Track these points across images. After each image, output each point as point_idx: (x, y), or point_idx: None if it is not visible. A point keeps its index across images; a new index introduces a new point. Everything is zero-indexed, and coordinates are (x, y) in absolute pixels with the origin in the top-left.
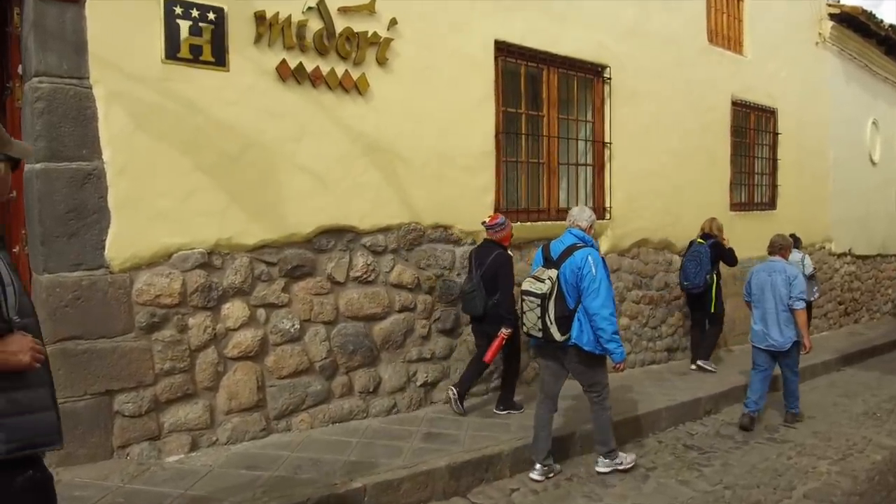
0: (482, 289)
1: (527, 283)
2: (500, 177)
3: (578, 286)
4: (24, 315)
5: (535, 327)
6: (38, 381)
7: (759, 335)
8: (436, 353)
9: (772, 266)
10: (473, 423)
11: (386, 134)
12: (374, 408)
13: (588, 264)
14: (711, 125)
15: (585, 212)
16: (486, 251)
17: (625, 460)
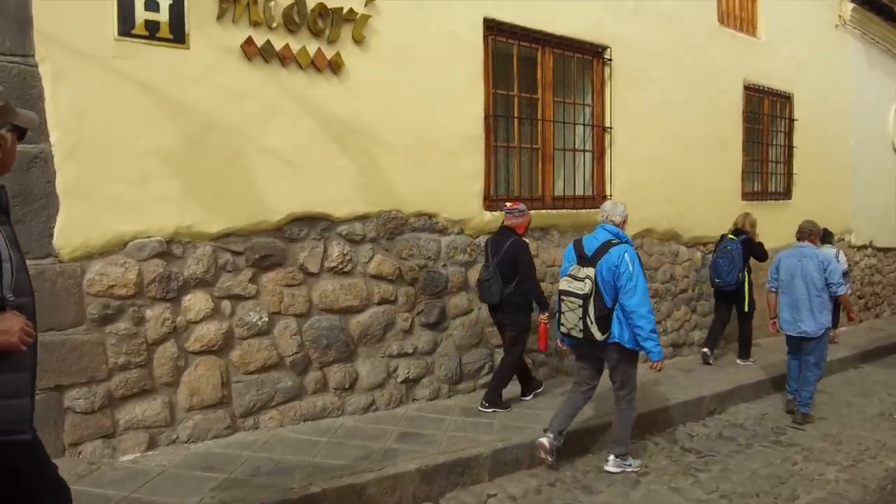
0: (498, 277)
1: (564, 282)
2: (490, 163)
3: (615, 284)
4: (20, 294)
5: (577, 328)
6: (20, 364)
7: (790, 322)
8: (419, 347)
9: (801, 251)
10: (455, 423)
11: (363, 116)
12: (350, 405)
13: (625, 262)
14: (722, 110)
15: (618, 207)
16: (502, 239)
17: (633, 464)
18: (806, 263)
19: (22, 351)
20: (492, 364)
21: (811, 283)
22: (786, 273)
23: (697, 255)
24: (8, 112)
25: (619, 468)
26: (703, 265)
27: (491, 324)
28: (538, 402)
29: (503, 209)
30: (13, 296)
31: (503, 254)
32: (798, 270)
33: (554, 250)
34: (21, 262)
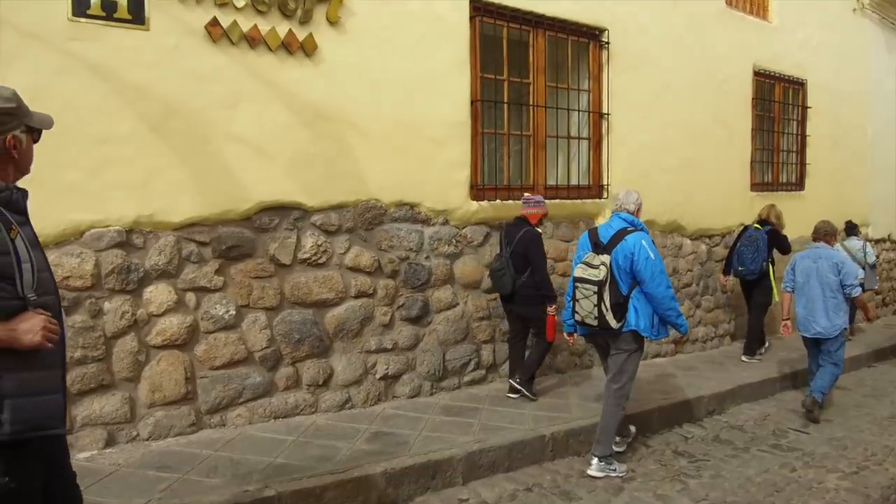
0: (511, 267)
1: (579, 269)
2: (477, 150)
3: (631, 271)
4: (43, 293)
5: (591, 315)
6: (49, 362)
7: (805, 323)
8: (399, 343)
9: (817, 252)
10: (432, 422)
11: (338, 101)
12: (324, 402)
13: (643, 249)
14: (730, 97)
15: (632, 195)
16: (516, 228)
17: (619, 468)
18: (821, 264)
19: (48, 348)
20: (478, 360)
21: (826, 285)
22: (801, 274)
23: (702, 247)
24: (21, 113)
25: (602, 472)
26: (709, 258)
27: (479, 318)
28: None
29: (522, 198)
30: (35, 295)
31: (516, 243)
32: (813, 271)
33: (546, 242)
34: (43, 262)
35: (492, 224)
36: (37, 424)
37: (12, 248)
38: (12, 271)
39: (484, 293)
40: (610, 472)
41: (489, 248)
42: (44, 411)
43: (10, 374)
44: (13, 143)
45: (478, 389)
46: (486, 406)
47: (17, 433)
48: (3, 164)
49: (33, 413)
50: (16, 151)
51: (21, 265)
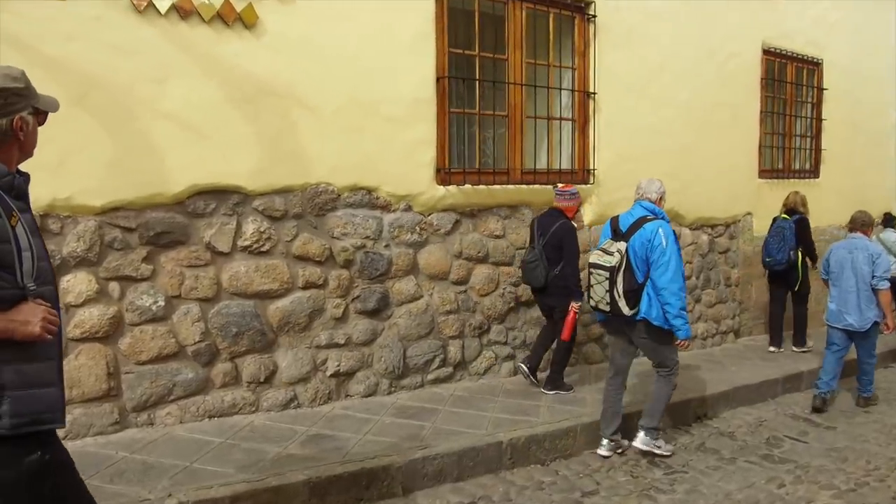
0: (544, 259)
1: (594, 255)
2: (443, 130)
3: (648, 259)
4: (42, 282)
5: (603, 301)
6: (47, 353)
7: (836, 314)
8: (353, 337)
9: (853, 243)
10: (381, 424)
11: (283, 77)
12: (266, 401)
13: (659, 237)
14: (735, 76)
15: (654, 183)
16: (550, 220)
17: (664, 446)
18: (856, 255)
19: (47, 340)
20: (444, 357)
21: (860, 276)
22: (836, 265)
23: (703, 238)
24: (30, 94)
25: (646, 446)
26: (711, 249)
27: (446, 312)
28: (510, 400)
29: (554, 189)
30: (35, 285)
31: (550, 235)
32: (848, 262)
33: (525, 231)
34: (42, 250)
35: (462, 210)
36: (37, 418)
37: (12, 236)
38: (12, 260)
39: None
40: (655, 449)
41: (458, 236)
42: (43, 404)
43: (9, 365)
44: (20, 125)
45: (443, 388)
46: (446, 407)
47: (16, 427)
48: (9, 146)
49: (33, 406)
50: (22, 133)
51: (21, 254)
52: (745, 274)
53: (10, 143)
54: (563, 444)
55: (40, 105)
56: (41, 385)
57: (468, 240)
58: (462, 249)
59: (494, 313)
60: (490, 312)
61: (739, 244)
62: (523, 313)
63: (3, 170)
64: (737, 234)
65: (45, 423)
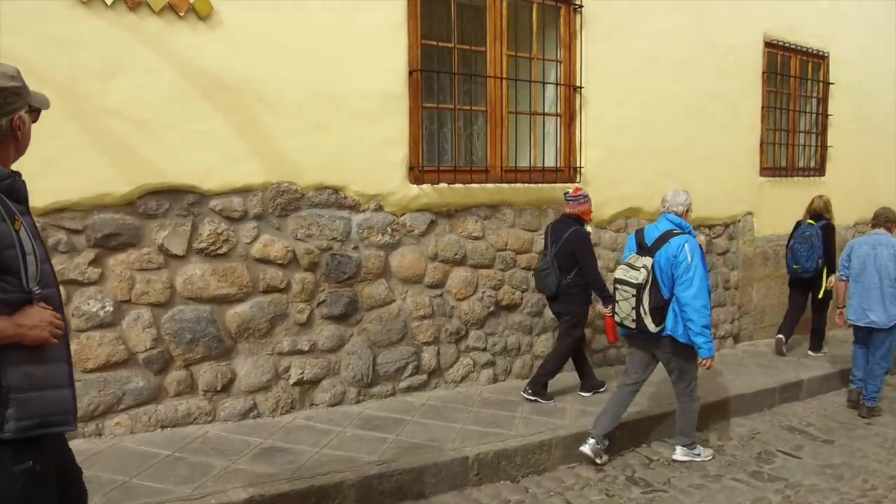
0: (556, 267)
1: (620, 271)
2: (416, 126)
3: (673, 275)
4: (45, 285)
5: (629, 318)
6: (56, 356)
7: (858, 311)
8: (319, 344)
9: (876, 239)
10: (343, 436)
11: (242, 70)
12: (223, 411)
13: (684, 252)
14: (735, 71)
15: (680, 195)
16: (563, 227)
17: (703, 453)
18: (880, 252)
19: (54, 343)
20: (418, 364)
21: (884, 273)
22: (858, 261)
23: (701, 238)
24: (26, 92)
25: (686, 456)
26: (709, 251)
27: (420, 317)
28: (485, 411)
29: (564, 195)
30: (39, 288)
31: (562, 243)
32: (871, 259)
33: (506, 231)
34: (44, 253)
35: (437, 211)
36: (44, 421)
37: (17, 241)
38: (17, 265)
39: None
40: (695, 457)
41: (434, 237)
42: (51, 407)
43: (17, 368)
44: (18, 125)
45: (415, 397)
46: (415, 418)
47: (22, 430)
48: (6, 146)
49: (40, 408)
50: (20, 133)
51: (26, 258)
52: (746, 276)
53: (7, 144)
54: (537, 459)
55: (34, 103)
56: (51, 387)
57: (444, 241)
58: (438, 251)
59: (473, 318)
60: (468, 317)
61: (739, 245)
62: (504, 318)
63: (2, 172)
64: (736, 235)
65: (54, 425)
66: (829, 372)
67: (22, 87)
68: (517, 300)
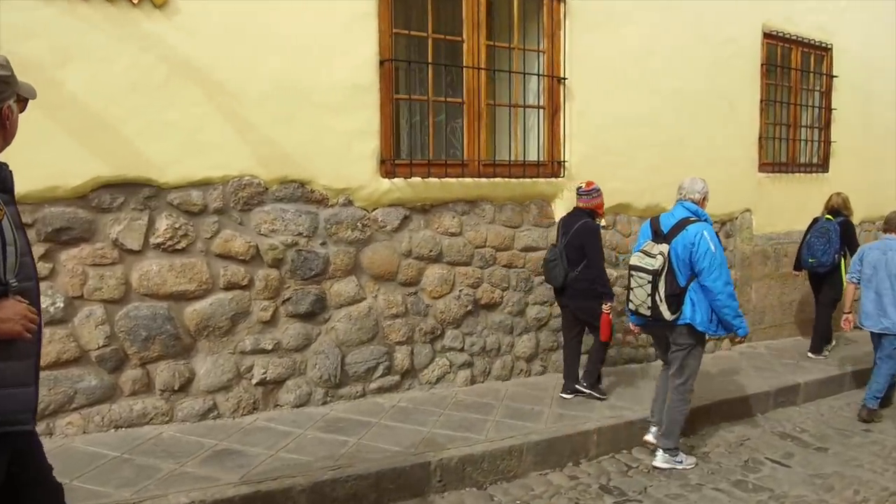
0: (564, 258)
1: (635, 258)
2: (389, 119)
3: (690, 263)
4: (24, 278)
5: (644, 305)
6: (25, 351)
7: (872, 317)
8: (283, 343)
9: (888, 244)
10: (302, 439)
11: (200, 60)
12: (181, 411)
13: (704, 241)
14: (732, 62)
15: (697, 183)
16: (574, 219)
17: (685, 461)
18: (891, 256)
19: (27, 338)
20: (389, 364)
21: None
22: (869, 266)
23: None
24: (14, 81)
25: (667, 464)
26: None
27: (392, 316)
28: (457, 413)
29: (577, 189)
30: (16, 280)
31: (572, 235)
32: (882, 264)
33: (485, 228)
34: (26, 245)
35: (412, 206)
36: (10, 418)
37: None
38: None
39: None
40: (676, 465)
41: (408, 233)
42: (14, 404)
43: None
44: (7, 114)
45: (386, 398)
46: (382, 420)
47: None
48: None
49: (6, 405)
50: (8, 122)
51: (6, 248)
52: (744, 275)
53: None
54: (506, 466)
55: (22, 92)
56: (17, 385)
57: (419, 237)
58: (412, 248)
59: (449, 317)
60: (444, 316)
61: (737, 243)
62: (483, 317)
63: None
64: (734, 233)
65: (18, 423)
66: (830, 375)
67: (11, 76)
68: (497, 299)
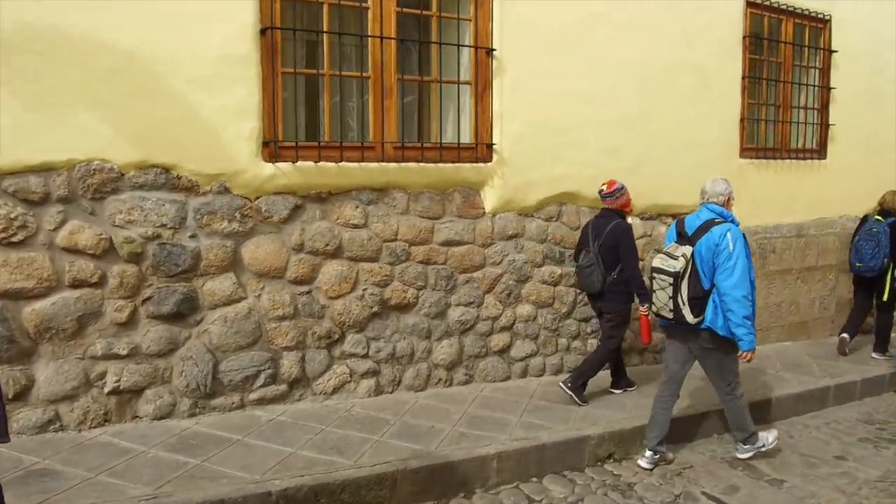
0: (600, 263)
1: (658, 259)
2: (274, 95)
3: (714, 264)
4: None
5: (666, 308)
6: None
7: None
8: (143, 347)
9: None
10: (140, 459)
11: (36, 27)
12: (16, 422)
13: (727, 240)
14: (706, 33)
15: (719, 185)
16: (604, 221)
17: (767, 441)
18: None
19: None
20: (274, 372)
21: None
22: None
23: (662, 230)
24: None
25: (750, 452)
26: None
27: (278, 318)
28: (339, 431)
29: (599, 192)
30: None
31: (606, 235)
32: None
33: (396, 219)
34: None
35: (305, 194)
36: None
37: None
38: None
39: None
40: (759, 449)
41: (300, 225)
42: None
43: None
44: None
45: (268, 411)
46: (247, 437)
47: None
48: None
49: None
50: None
51: None
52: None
53: None
54: (374, 497)
55: None
56: None
57: (314, 230)
58: (304, 241)
59: (350, 320)
60: (343, 319)
61: None
62: (394, 320)
63: None
64: None
65: None
66: (807, 389)
67: None
68: (411, 299)
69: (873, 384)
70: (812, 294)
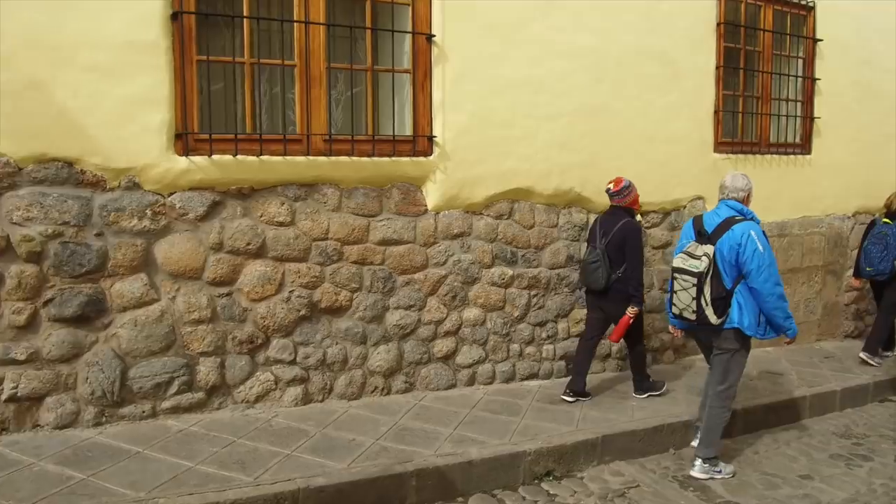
0: (606, 259)
1: (678, 259)
2: (187, 84)
3: (737, 264)
4: None
5: (689, 309)
6: None
7: None
8: (44, 351)
9: None
10: (18, 474)
11: None
12: None
13: (752, 240)
14: (673, 19)
15: (739, 180)
16: (613, 219)
17: (724, 470)
18: None
19: None
20: (190, 379)
21: None
22: None
23: None
24: None
25: (706, 474)
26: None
27: (194, 321)
28: (251, 443)
29: (607, 191)
30: None
31: (614, 233)
32: None
33: (327, 216)
34: None
35: (224, 190)
36: None
37: None
38: None
39: None
40: (715, 475)
41: (218, 223)
42: None
43: None
44: None
45: (182, 420)
46: (148, 449)
47: None
48: None
49: None
50: None
51: None
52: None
53: None
54: None
55: None
56: None
57: (234, 228)
58: (224, 240)
59: (274, 324)
60: (268, 323)
61: None
62: (325, 324)
63: None
64: (680, 225)
65: None
66: (779, 400)
67: None
68: (345, 302)
69: (855, 393)
70: (796, 297)
